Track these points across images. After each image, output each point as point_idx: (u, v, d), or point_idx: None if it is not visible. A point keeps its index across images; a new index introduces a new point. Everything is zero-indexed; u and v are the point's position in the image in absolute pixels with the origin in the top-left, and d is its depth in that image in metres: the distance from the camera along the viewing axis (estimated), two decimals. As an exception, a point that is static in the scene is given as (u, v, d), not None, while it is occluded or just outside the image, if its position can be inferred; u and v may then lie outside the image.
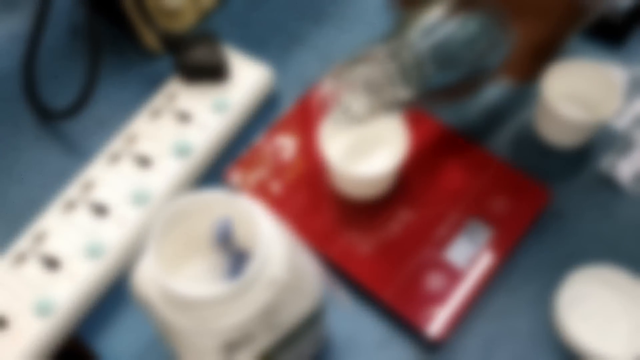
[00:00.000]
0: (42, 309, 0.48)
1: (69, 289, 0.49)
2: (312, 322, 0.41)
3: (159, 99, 0.59)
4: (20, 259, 0.51)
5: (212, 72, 0.58)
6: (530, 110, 0.60)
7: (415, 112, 0.59)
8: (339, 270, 0.52)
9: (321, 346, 0.48)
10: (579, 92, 0.58)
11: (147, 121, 0.57)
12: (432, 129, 0.58)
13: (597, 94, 0.56)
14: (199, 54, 0.58)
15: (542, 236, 0.54)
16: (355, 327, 0.50)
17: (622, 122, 0.59)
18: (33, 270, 0.50)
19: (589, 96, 0.57)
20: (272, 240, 0.36)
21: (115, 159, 0.56)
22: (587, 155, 0.58)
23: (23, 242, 0.52)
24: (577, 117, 0.54)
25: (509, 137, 0.59)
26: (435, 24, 0.47)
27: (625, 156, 0.56)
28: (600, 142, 0.58)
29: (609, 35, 0.63)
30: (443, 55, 0.47)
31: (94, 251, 0.51)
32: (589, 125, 0.55)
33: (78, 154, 0.60)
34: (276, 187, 0.56)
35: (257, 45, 0.66)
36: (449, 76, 0.48)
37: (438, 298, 0.49)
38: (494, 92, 0.62)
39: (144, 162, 0.55)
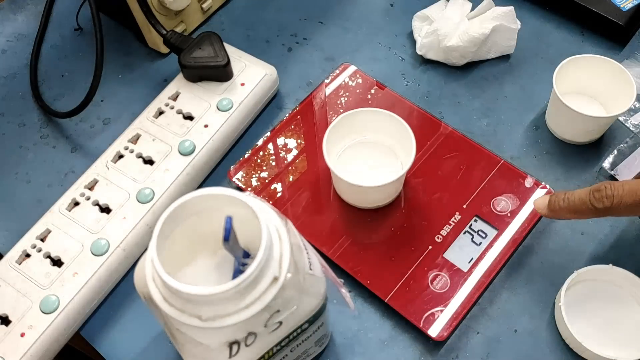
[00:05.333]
0: (47, 307, 0.49)
1: (73, 287, 0.50)
2: (315, 320, 0.41)
3: (163, 99, 0.59)
4: (25, 256, 0.51)
5: (216, 72, 0.58)
6: (532, 110, 0.60)
7: (419, 114, 0.59)
8: (340, 271, 0.52)
9: (325, 344, 0.48)
10: (591, 86, 0.58)
11: (151, 120, 0.58)
12: (436, 129, 0.58)
13: (609, 89, 0.56)
14: (203, 54, 0.58)
15: (544, 236, 0.54)
16: (359, 325, 0.51)
17: (625, 122, 0.59)
18: (38, 268, 0.51)
19: (601, 91, 0.57)
20: (275, 238, 0.36)
21: (119, 158, 0.56)
22: (588, 155, 0.58)
23: (28, 240, 0.52)
24: (589, 114, 0.54)
25: (512, 137, 0.59)
26: None
27: (626, 156, 0.56)
28: (601, 142, 0.58)
29: (613, 35, 0.64)
30: None
31: (98, 249, 0.51)
32: (601, 122, 0.55)
33: (83, 152, 0.61)
34: (279, 187, 0.56)
35: (261, 45, 0.67)
36: None
37: (440, 298, 0.49)
38: (496, 95, 0.62)
39: (148, 161, 0.56)
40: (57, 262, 0.51)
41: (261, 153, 0.58)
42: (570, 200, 0.47)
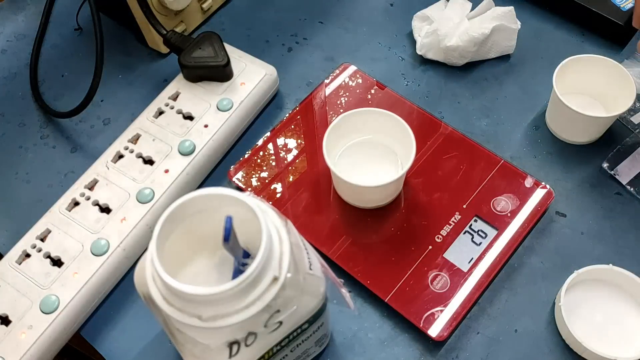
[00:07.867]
0: (47, 307, 0.49)
1: (73, 287, 0.50)
2: (315, 320, 0.41)
3: (163, 99, 0.59)
4: (25, 256, 0.51)
5: (216, 72, 0.59)
6: (532, 110, 0.60)
7: (419, 114, 0.59)
8: (340, 271, 0.52)
9: (325, 344, 0.48)
10: (591, 86, 0.58)
11: (151, 120, 0.58)
12: (436, 129, 0.58)
13: (609, 89, 0.56)
14: (203, 54, 0.58)
15: (544, 236, 0.54)
16: (359, 325, 0.51)
17: (625, 122, 0.59)
18: (38, 268, 0.51)
19: (601, 91, 0.57)
20: (275, 238, 0.36)
21: (119, 158, 0.56)
22: (588, 155, 0.58)
23: (28, 240, 0.52)
24: (589, 114, 0.54)
25: (512, 137, 0.59)
26: None
27: (626, 156, 0.56)
28: (601, 142, 0.58)
29: (613, 35, 0.64)
30: None
31: (98, 249, 0.51)
32: (601, 122, 0.55)
33: (83, 152, 0.61)
34: (279, 187, 0.56)
35: (261, 45, 0.67)
36: None
37: (440, 298, 0.49)
38: (496, 94, 0.62)
39: (148, 161, 0.56)
40: (57, 262, 0.51)
41: (261, 153, 0.58)
42: None
